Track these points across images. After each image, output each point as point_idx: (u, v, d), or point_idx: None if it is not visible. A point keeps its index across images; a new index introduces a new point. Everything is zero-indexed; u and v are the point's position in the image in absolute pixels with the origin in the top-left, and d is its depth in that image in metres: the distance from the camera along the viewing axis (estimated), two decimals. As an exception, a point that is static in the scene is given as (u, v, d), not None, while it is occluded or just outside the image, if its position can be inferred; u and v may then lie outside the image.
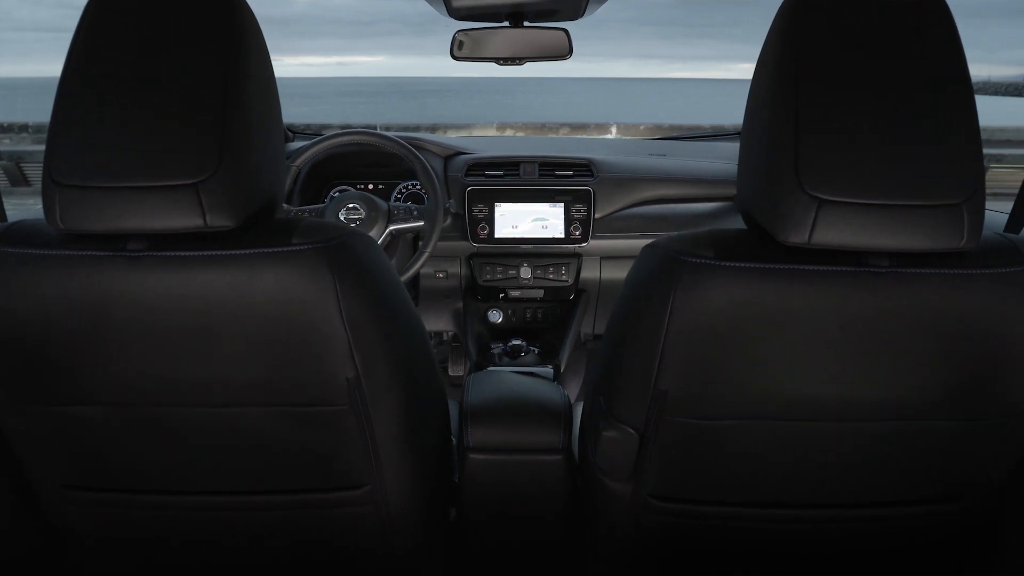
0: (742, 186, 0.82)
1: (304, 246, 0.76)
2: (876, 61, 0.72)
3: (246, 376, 0.81)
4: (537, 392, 1.13)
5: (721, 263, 0.75)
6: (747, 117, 0.82)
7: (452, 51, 1.73)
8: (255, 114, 0.77)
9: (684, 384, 0.82)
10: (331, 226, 0.81)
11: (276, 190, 0.83)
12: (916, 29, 0.72)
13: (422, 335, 0.95)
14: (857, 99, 0.71)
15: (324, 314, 0.78)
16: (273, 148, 0.82)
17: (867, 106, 0.71)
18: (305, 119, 14.65)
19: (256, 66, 0.78)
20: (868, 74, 0.72)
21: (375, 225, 1.61)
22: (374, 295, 0.81)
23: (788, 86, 0.72)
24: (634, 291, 0.84)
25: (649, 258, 0.83)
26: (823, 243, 0.72)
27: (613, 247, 1.81)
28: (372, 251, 0.83)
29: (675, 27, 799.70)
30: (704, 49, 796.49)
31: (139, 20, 0.74)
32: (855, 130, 0.71)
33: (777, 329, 0.77)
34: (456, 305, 1.93)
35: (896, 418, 0.83)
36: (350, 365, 0.81)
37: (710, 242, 0.78)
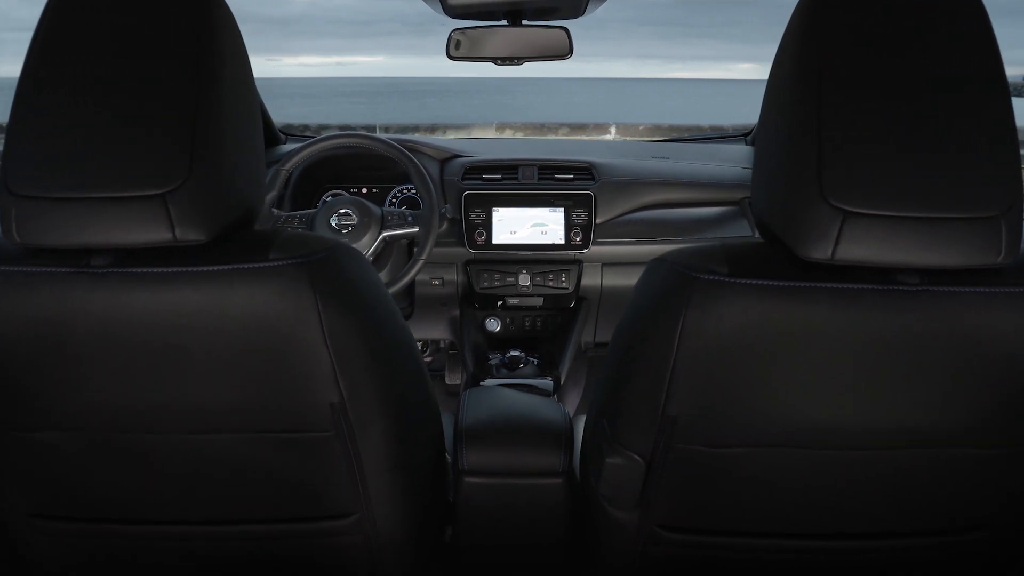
0: (757, 196, 0.76)
1: (283, 261, 0.70)
2: (904, 60, 0.66)
3: (222, 401, 0.76)
4: (536, 411, 1.07)
5: (736, 280, 0.69)
6: (762, 121, 0.76)
7: (448, 51, 1.67)
8: (230, 119, 0.71)
9: (695, 410, 0.76)
10: (313, 239, 0.75)
11: (254, 201, 0.77)
12: (947, 24, 0.66)
13: (413, 354, 0.89)
14: (884, 101, 0.65)
15: (305, 335, 0.72)
16: (251, 155, 0.76)
17: (895, 108, 0.65)
18: (304, 119, 14.53)
19: (232, 67, 0.72)
20: (896, 74, 0.66)
21: (368, 231, 1.55)
22: (360, 314, 0.75)
23: (809, 88, 0.66)
24: (640, 309, 0.78)
25: (657, 273, 0.77)
26: (848, 259, 0.66)
27: (615, 253, 1.75)
28: (358, 265, 0.78)
29: (674, 27, 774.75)
30: (704, 49, 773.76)
31: (104, 19, 0.68)
32: (883, 135, 0.65)
33: (795, 351, 0.71)
34: (453, 313, 1.87)
35: (921, 445, 0.77)
36: (334, 390, 0.75)
37: (724, 256, 0.72)
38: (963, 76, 0.66)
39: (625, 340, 0.81)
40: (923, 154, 0.65)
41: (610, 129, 11.10)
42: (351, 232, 1.54)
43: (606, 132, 11.20)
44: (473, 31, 1.67)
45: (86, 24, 0.67)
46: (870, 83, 0.65)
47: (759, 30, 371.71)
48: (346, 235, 1.54)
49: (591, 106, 49.42)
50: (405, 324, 0.88)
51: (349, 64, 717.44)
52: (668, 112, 41.78)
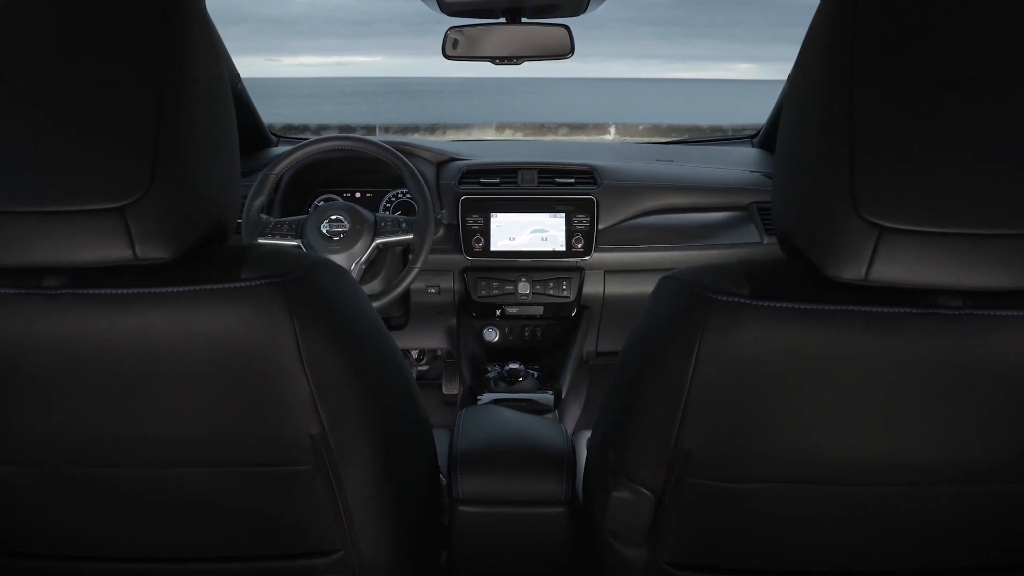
0: (779, 208, 0.69)
1: (255, 281, 0.63)
2: (946, 57, 0.59)
3: (191, 433, 0.69)
4: (535, 434, 1.00)
5: (758, 302, 0.62)
6: (784, 128, 0.69)
7: (444, 50, 1.60)
8: (200, 123, 0.64)
9: (711, 442, 0.69)
10: (291, 255, 0.68)
11: (228, 213, 0.71)
12: (995, 17, 0.60)
13: (402, 376, 0.83)
14: (924, 103, 0.58)
15: (281, 362, 0.65)
16: (225, 164, 0.69)
17: (937, 112, 0.58)
18: (304, 119, 14.48)
19: (203, 65, 0.65)
20: (936, 73, 0.59)
21: (360, 238, 1.48)
22: (342, 337, 0.68)
23: (838, 89, 0.59)
24: (651, 332, 0.71)
25: (669, 293, 0.70)
26: (883, 280, 0.59)
27: (618, 260, 1.68)
28: (340, 283, 0.71)
29: (674, 27, 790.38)
30: (703, 49, 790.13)
31: (59, 14, 0.61)
32: (922, 142, 0.58)
33: (822, 380, 0.64)
34: (449, 322, 1.81)
35: (958, 481, 0.70)
36: (314, 420, 0.68)
37: (743, 275, 0.65)
38: (1012, 75, 0.59)
39: (633, 365, 0.74)
40: (968, 163, 0.58)
41: (609, 129, 11.04)
42: (342, 239, 1.47)
43: (606, 132, 11.14)
44: (470, 29, 1.60)
45: (33, 20, 0.61)
46: (907, 83, 0.59)
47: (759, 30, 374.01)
48: (337, 242, 1.47)
49: (590, 106, 49.35)
50: (392, 343, 0.81)
51: (349, 64, 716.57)
52: (668, 112, 41.69)
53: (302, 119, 16.74)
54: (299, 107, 40.93)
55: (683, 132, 11.28)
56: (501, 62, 1.62)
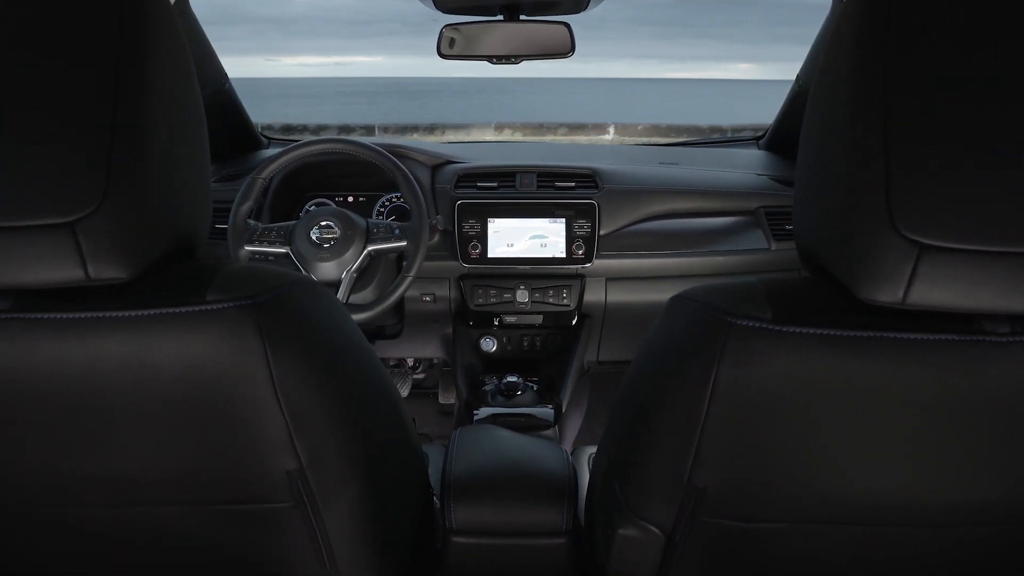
0: (803, 224, 0.63)
1: (223, 303, 0.57)
2: (993, 57, 0.52)
3: (155, 470, 0.62)
4: (534, 458, 0.94)
5: (782, 328, 0.56)
6: (806, 135, 0.62)
7: (439, 48, 1.54)
8: (162, 129, 0.57)
9: (727, 480, 0.63)
10: (264, 273, 0.62)
11: (195, 228, 0.64)
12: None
13: (389, 401, 0.76)
14: (967, 109, 0.52)
15: (252, 393, 0.59)
16: (192, 173, 0.63)
17: (981, 118, 0.52)
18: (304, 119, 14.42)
19: (166, 66, 0.58)
20: (981, 75, 0.52)
21: (351, 245, 1.42)
22: (321, 365, 0.62)
23: (871, 94, 0.53)
24: (662, 358, 0.65)
25: (681, 315, 0.63)
26: (923, 303, 0.53)
27: (621, 268, 1.62)
28: (318, 304, 0.64)
29: (673, 27, 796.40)
30: (702, 49, 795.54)
31: (2, 13, 0.55)
32: (966, 151, 0.52)
33: (852, 413, 0.58)
34: (445, 330, 1.74)
35: (997, 523, 0.64)
36: (290, 456, 0.62)
37: (765, 297, 0.59)
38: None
39: (641, 392, 0.68)
40: (1018, 175, 0.51)
41: (609, 129, 10.98)
42: (333, 246, 1.41)
43: (605, 132, 11.08)
44: (467, 28, 1.54)
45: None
46: (949, 87, 0.52)
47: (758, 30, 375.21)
48: (328, 249, 1.41)
49: (590, 106, 49.26)
50: (378, 365, 0.75)
51: (348, 64, 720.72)
52: (667, 112, 41.59)
53: (302, 119, 16.68)
54: (299, 107, 40.86)
55: (682, 132, 11.21)
56: (499, 61, 1.56)
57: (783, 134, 1.91)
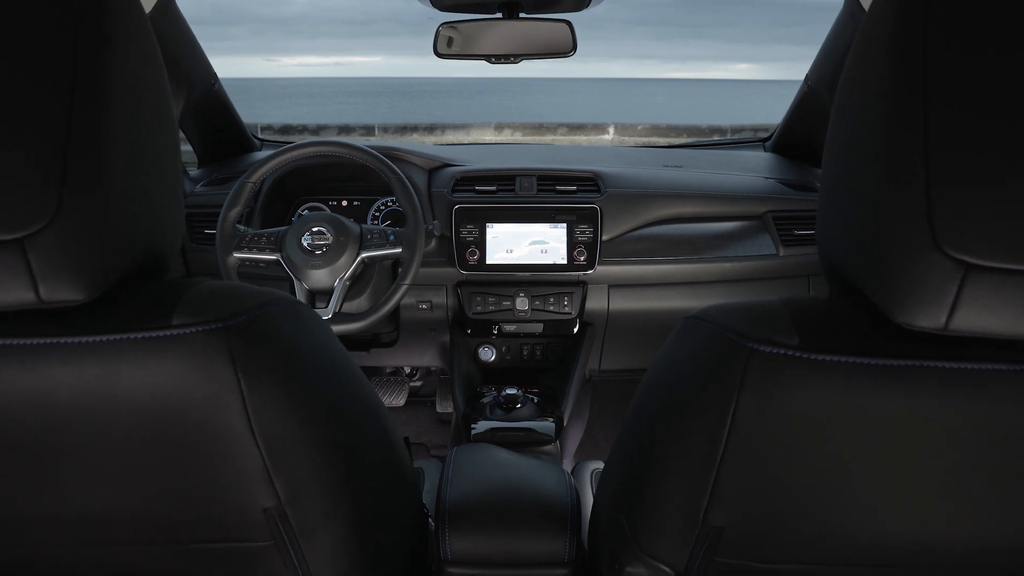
0: (829, 240, 0.57)
1: (191, 328, 0.52)
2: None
3: (117, 509, 0.57)
4: (535, 482, 0.89)
5: (810, 355, 0.50)
6: (833, 145, 0.57)
7: (436, 48, 1.48)
8: (125, 136, 0.52)
9: (746, 518, 0.57)
10: (237, 293, 0.56)
11: (163, 243, 0.59)
12: None
13: (378, 426, 0.71)
14: (1015, 115, 0.47)
15: (224, 426, 0.53)
16: (159, 183, 0.57)
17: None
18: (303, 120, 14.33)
19: (131, 67, 0.53)
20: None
21: (344, 252, 1.36)
22: (300, 394, 0.56)
23: (910, 100, 0.47)
24: (674, 385, 0.59)
25: (696, 338, 0.58)
26: (968, 329, 0.47)
27: (624, 274, 1.56)
28: (298, 326, 0.59)
29: (672, 27, 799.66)
30: (701, 49, 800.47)
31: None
32: (1016, 161, 0.46)
33: (887, 448, 0.52)
34: (443, 339, 1.69)
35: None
36: (267, 492, 0.56)
37: (789, 319, 0.53)
38: None
39: (652, 421, 0.62)
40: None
41: (608, 129, 10.94)
42: (325, 253, 1.36)
43: (605, 132, 11.03)
44: (465, 26, 1.48)
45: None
46: (993, 93, 0.47)
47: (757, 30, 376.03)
48: (319, 256, 1.35)
49: (589, 106, 49.20)
50: (365, 387, 0.69)
51: (347, 64, 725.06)
52: (667, 112, 41.51)
53: (302, 119, 16.61)
54: (299, 107, 40.81)
55: (682, 132, 11.11)
56: (498, 61, 1.51)
57: (790, 136, 1.85)
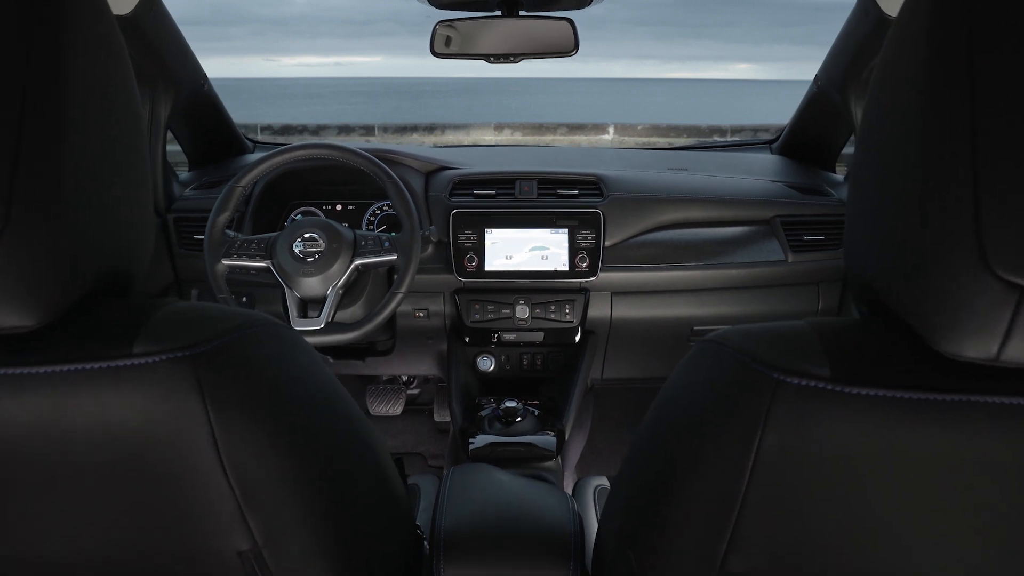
0: (860, 258, 0.52)
1: (154, 356, 0.46)
2: None
3: (82, 552, 0.52)
4: (535, 508, 0.83)
5: (844, 388, 0.45)
6: (864, 155, 0.52)
7: (433, 47, 1.43)
8: (86, 146, 0.47)
9: (770, 565, 0.52)
10: (208, 316, 0.51)
11: (129, 261, 0.54)
12: None
13: (367, 454, 0.65)
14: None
15: (192, 464, 0.48)
16: (124, 195, 0.52)
17: None
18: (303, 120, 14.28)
19: (93, 70, 0.48)
20: None
21: (337, 259, 1.31)
22: (277, 427, 0.51)
23: (954, 105, 0.42)
24: (690, 418, 0.54)
25: (715, 365, 0.53)
26: (1022, 361, 0.42)
27: (627, 281, 1.51)
28: (275, 351, 0.54)
29: (672, 27, 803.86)
30: (701, 49, 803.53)
31: None
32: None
33: (928, 490, 0.47)
34: (440, 347, 1.63)
35: None
36: (242, 534, 0.51)
37: (819, 346, 0.48)
38: None
39: (665, 454, 0.57)
40: None
41: (608, 129, 10.90)
42: (317, 260, 1.30)
43: (605, 132, 10.98)
44: (464, 24, 1.43)
45: None
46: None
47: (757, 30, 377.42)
48: (311, 263, 1.30)
49: (589, 106, 49.16)
50: (354, 415, 0.64)
51: (347, 64, 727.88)
52: (667, 112, 41.47)
53: (301, 119, 16.58)
54: (299, 107, 40.75)
55: (682, 132, 11.01)
56: (497, 60, 1.46)
57: (799, 138, 1.80)
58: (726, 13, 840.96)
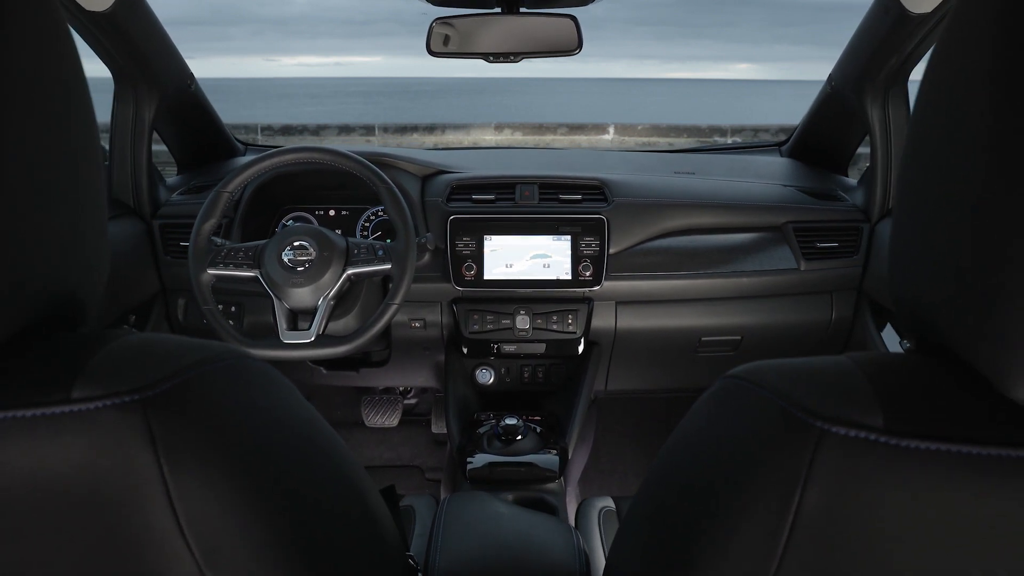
0: (909, 286, 0.45)
1: (97, 402, 0.40)
2: None
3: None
4: (538, 548, 0.77)
5: (902, 442, 0.39)
6: (909, 171, 0.45)
7: (430, 46, 1.36)
8: (25, 158, 0.41)
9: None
10: (163, 350, 0.44)
11: (77, 288, 0.47)
12: None
13: (353, 499, 0.59)
14: None
15: (144, 524, 0.42)
16: (71, 214, 0.46)
17: None
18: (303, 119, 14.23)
19: (30, 75, 0.41)
20: None
21: (329, 268, 1.24)
22: (243, 479, 0.45)
23: None
24: (717, 463, 0.47)
25: (745, 407, 0.46)
26: None
27: (632, 290, 1.44)
28: (242, 389, 0.47)
29: (672, 27, 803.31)
30: (701, 49, 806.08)
31: None
32: None
33: (996, 557, 0.40)
34: (437, 358, 1.57)
35: None
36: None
37: (868, 388, 0.41)
38: None
39: (687, 502, 0.50)
40: None
41: (608, 129, 10.84)
42: (308, 269, 1.24)
43: (605, 132, 10.92)
44: (462, 22, 1.37)
45: None
46: None
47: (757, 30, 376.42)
48: (301, 273, 1.23)
49: (589, 106, 49.09)
50: (335, 451, 0.57)
51: (347, 64, 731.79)
52: (667, 112, 41.37)
53: (301, 119, 16.53)
54: (299, 107, 40.72)
55: (682, 132, 10.93)
56: (496, 59, 1.39)
57: (811, 140, 1.74)
58: (726, 13, 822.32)
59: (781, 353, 1.59)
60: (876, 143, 1.44)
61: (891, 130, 1.42)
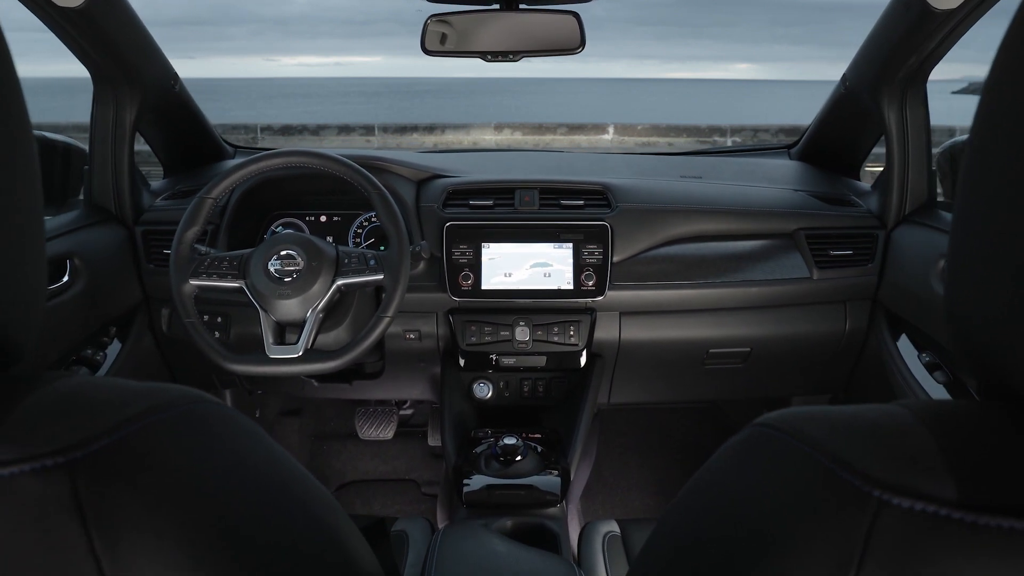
0: (971, 320, 0.39)
1: (14, 467, 0.33)
2: None
3: None
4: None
5: (979, 519, 0.32)
6: (973, 184, 0.39)
7: (424, 44, 1.30)
8: None
9: None
10: (100, 399, 0.38)
11: (3, 325, 0.41)
12: None
13: (329, 546, 0.52)
14: None
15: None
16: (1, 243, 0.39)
17: None
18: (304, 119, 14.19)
19: None
20: None
21: (318, 278, 1.18)
22: (193, 551, 0.38)
23: None
24: (750, 537, 0.41)
25: (783, 468, 0.39)
26: None
27: (637, 300, 1.38)
28: (197, 443, 0.40)
29: (672, 27, 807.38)
30: (701, 49, 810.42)
31: None
32: None
33: None
34: (434, 370, 1.50)
35: None
36: None
37: (935, 447, 0.35)
38: None
39: (716, 563, 0.44)
40: None
41: (608, 129, 10.77)
42: (295, 280, 1.17)
43: (604, 132, 10.85)
44: (459, 19, 1.30)
45: None
46: None
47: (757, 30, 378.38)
48: (289, 283, 1.17)
49: (589, 106, 49.07)
50: (311, 492, 0.51)
51: (347, 64, 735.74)
52: (667, 112, 41.31)
53: (302, 119, 16.49)
54: (299, 107, 40.71)
55: (681, 132, 10.89)
56: (495, 58, 1.32)
57: (822, 143, 1.67)
58: (726, 13, 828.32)
59: (792, 365, 1.53)
60: (893, 146, 1.37)
61: (909, 132, 1.36)
